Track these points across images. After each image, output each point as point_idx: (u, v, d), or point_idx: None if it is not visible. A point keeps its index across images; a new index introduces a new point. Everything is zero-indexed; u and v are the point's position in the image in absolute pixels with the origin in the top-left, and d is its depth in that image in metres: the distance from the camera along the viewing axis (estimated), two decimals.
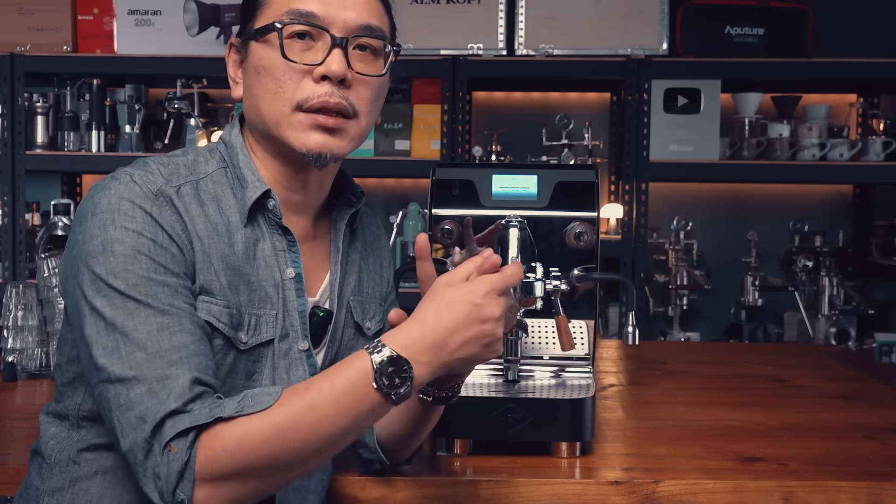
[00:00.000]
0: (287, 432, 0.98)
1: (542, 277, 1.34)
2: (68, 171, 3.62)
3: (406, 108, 3.28)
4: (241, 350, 1.12)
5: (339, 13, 1.12)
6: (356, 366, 1.00)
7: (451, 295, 1.03)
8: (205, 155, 1.17)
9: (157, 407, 0.98)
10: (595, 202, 1.47)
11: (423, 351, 1.01)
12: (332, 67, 1.10)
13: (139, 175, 1.08)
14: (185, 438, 0.97)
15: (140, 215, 1.05)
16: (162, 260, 1.05)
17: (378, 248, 1.35)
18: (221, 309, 1.09)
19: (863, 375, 2.04)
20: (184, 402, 0.98)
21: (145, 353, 1.00)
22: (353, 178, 1.29)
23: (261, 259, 1.14)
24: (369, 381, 0.99)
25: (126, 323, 1.01)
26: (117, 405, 1.00)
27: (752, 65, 3.17)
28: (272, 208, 1.15)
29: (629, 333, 1.49)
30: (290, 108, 1.12)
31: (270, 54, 1.12)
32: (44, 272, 1.93)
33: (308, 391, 1.00)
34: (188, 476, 0.96)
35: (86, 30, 3.28)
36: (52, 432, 1.16)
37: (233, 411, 0.98)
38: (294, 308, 1.16)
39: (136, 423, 0.98)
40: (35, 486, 1.15)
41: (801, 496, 1.27)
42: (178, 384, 0.99)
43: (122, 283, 1.02)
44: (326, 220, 1.26)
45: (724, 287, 3.51)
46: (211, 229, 1.11)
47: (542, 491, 1.28)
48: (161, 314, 1.02)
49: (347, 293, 1.25)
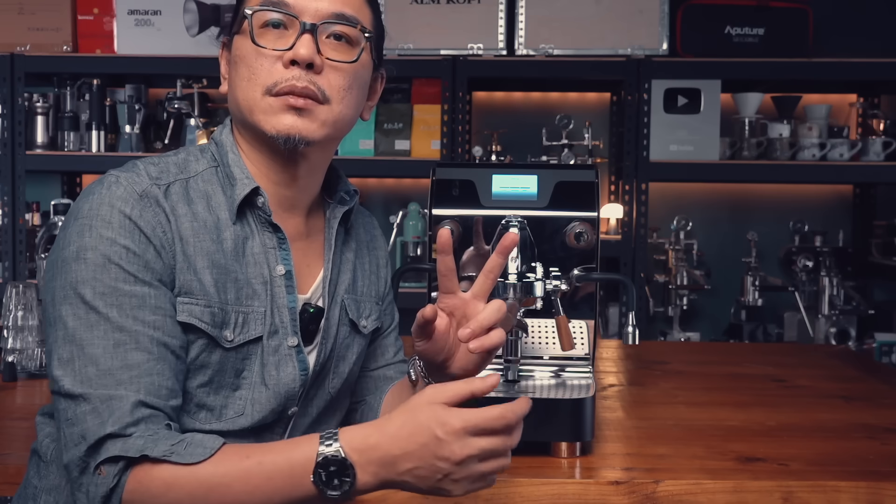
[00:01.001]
0: (214, 492, 0.98)
1: (542, 277, 1.34)
2: (68, 171, 3.62)
3: (406, 108, 3.28)
4: (228, 348, 1.12)
5: (310, 2, 1.12)
6: (302, 450, 0.98)
7: (421, 416, 0.96)
8: (196, 154, 1.18)
9: (96, 428, 0.99)
10: (595, 202, 1.47)
11: (371, 462, 0.97)
12: (299, 52, 1.11)
13: (125, 177, 1.09)
14: (115, 465, 0.98)
15: (118, 220, 1.06)
16: (132, 268, 1.05)
17: (374, 248, 1.34)
18: (202, 308, 1.09)
19: (863, 375, 2.04)
20: (122, 426, 0.99)
21: (97, 369, 1.01)
22: (350, 178, 1.29)
23: (249, 256, 1.15)
24: (308, 472, 0.97)
25: (84, 336, 1.02)
26: (65, 418, 1.02)
27: (752, 65, 3.17)
28: (261, 205, 1.16)
29: (629, 333, 1.49)
30: (261, 92, 1.12)
31: (245, 43, 1.14)
32: (43, 272, 1.93)
33: (248, 459, 0.99)
34: (114, 501, 0.98)
35: (86, 30, 3.28)
36: (47, 431, 1.17)
37: (161, 454, 0.98)
38: (284, 304, 1.16)
39: (77, 440, 1.00)
40: (33, 485, 1.16)
41: (801, 496, 1.27)
42: (120, 406, 1.00)
43: (89, 292, 1.03)
44: (320, 219, 1.26)
45: (724, 287, 3.51)
46: (198, 227, 1.11)
47: (542, 491, 1.28)
48: (119, 330, 1.03)
49: (341, 291, 1.25)
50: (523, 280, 1.32)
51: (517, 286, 1.31)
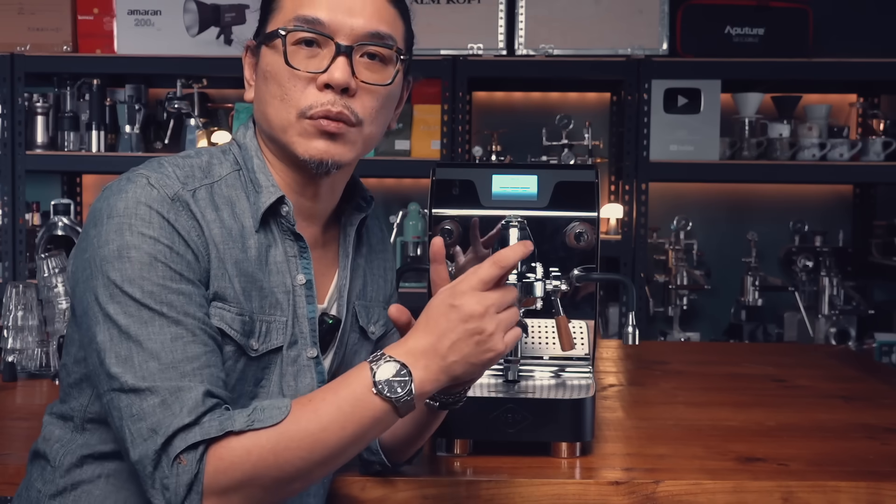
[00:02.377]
0: (293, 442, 0.98)
1: (542, 277, 1.34)
2: (68, 171, 3.61)
3: (406, 108, 3.26)
4: (252, 357, 1.12)
5: (346, 20, 1.10)
6: (358, 375, 1.01)
7: (433, 305, 1.03)
8: (218, 157, 1.16)
9: (169, 420, 0.98)
10: (595, 202, 1.47)
11: (419, 357, 1.01)
12: (334, 76, 1.09)
13: (156, 178, 1.07)
14: (196, 451, 0.97)
15: (157, 220, 1.04)
16: (178, 267, 1.04)
17: (382, 252, 1.34)
18: (234, 316, 1.09)
19: (863, 375, 2.04)
20: (196, 416, 0.98)
21: (158, 363, 1.00)
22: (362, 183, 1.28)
23: (272, 265, 1.14)
24: (369, 387, 0.99)
25: (140, 332, 1.01)
26: (129, 415, 0.99)
27: (752, 65, 3.17)
28: (286, 214, 1.15)
29: (629, 333, 1.49)
30: (295, 114, 1.11)
31: (277, 60, 1.12)
32: (44, 272, 1.93)
33: (312, 402, 1.00)
34: (196, 489, 0.96)
35: (86, 30, 3.28)
36: (57, 434, 1.15)
37: (243, 425, 0.98)
38: (304, 315, 1.16)
39: (147, 435, 0.98)
40: (37, 489, 1.14)
41: (801, 496, 1.27)
42: (191, 397, 0.99)
43: (138, 291, 1.01)
44: (335, 226, 1.25)
45: (724, 287, 3.51)
46: (226, 234, 1.10)
47: (542, 491, 1.28)
48: (175, 324, 1.02)
49: (353, 298, 1.25)
50: (523, 280, 1.32)
51: (517, 286, 1.31)
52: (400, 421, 1.20)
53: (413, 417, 1.19)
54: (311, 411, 0.99)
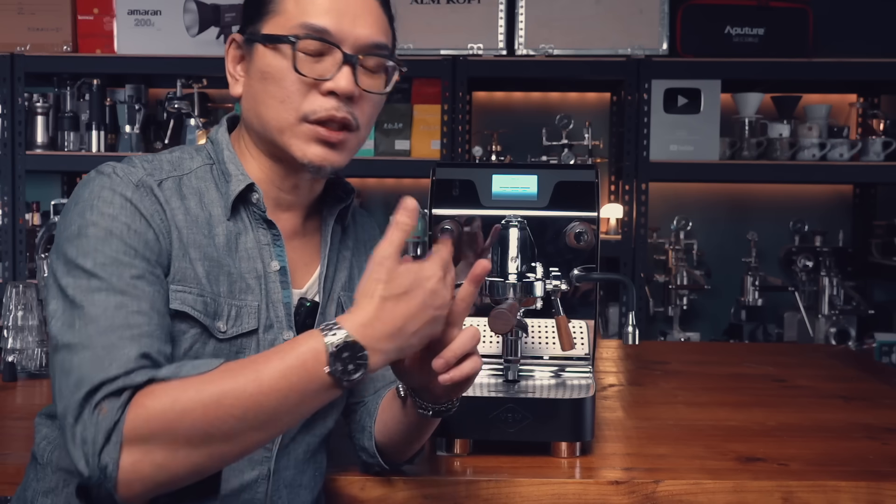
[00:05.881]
0: (226, 399, 0.94)
1: (542, 277, 1.34)
2: (68, 171, 3.62)
3: (406, 108, 3.28)
4: (221, 339, 1.12)
5: (351, 29, 1.12)
6: (310, 345, 0.97)
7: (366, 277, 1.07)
8: (190, 153, 1.19)
9: (97, 373, 0.95)
10: (595, 202, 1.47)
11: (380, 338, 0.99)
12: (341, 84, 1.11)
13: (121, 168, 1.10)
14: (118, 399, 0.93)
15: (119, 201, 1.06)
16: (134, 243, 1.05)
17: (373, 247, 1.34)
18: (195, 297, 1.09)
19: (863, 375, 2.04)
20: (126, 370, 0.95)
21: (97, 326, 0.98)
22: (350, 178, 1.30)
23: (242, 251, 1.15)
24: (322, 363, 0.96)
25: (85, 299, 1.00)
26: (61, 370, 0.98)
27: (752, 65, 3.17)
28: (256, 202, 1.16)
29: (629, 333, 1.49)
30: (296, 118, 1.12)
31: (280, 63, 1.12)
32: (44, 272, 1.93)
33: (255, 363, 0.97)
34: (115, 438, 0.92)
35: (86, 30, 3.28)
36: (44, 433, 1.17)
37: (166, 374, 0.96)
38: (279, 300, 1.17)
39: (73, 388, 0.96)
40: (32, 488, 1.16)
41: (801, 496, 1.27)
42: (124, 354, 0.97)
43: (90, 262, 1.02)
44: (318, 217, 1.27)
45: (724, 287, 3.51)
46: (190, 221, 1.12)
47: (542, 491, 1.28)
48: (121, 293, 1.01)
49: (338, 288, 1.26)
50: (523, 280, 1.32)
51: (517, 286, 1.32)
52: (393, 427, 1.22)
53: (406, 423, 1.19)
54: (253, 372, 0.96)
